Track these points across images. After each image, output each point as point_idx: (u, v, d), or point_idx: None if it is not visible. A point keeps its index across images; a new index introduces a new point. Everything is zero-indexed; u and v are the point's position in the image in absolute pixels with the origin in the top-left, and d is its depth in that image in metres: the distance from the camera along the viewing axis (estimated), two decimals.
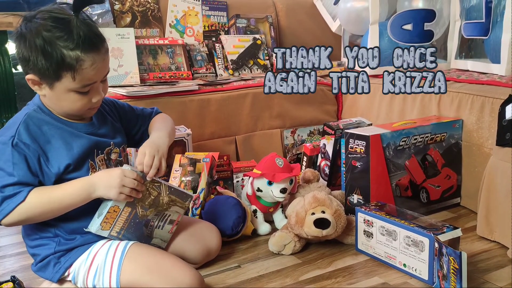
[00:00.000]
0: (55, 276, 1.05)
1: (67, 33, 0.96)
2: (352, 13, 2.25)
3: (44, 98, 1.04)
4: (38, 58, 0.96)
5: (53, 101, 1.03)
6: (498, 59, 1.68)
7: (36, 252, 1.07)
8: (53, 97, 1.02)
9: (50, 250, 1.05)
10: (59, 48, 0.96)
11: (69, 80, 0.98)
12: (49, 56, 0.96)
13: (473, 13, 1.80)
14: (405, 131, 1.51)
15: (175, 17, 2.30)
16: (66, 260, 1.05)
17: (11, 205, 0.95)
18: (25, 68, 1.00)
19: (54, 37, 0.96)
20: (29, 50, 0.96)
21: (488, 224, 1.36)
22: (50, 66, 0.96)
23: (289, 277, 1.22)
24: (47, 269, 1.06)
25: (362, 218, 1.31)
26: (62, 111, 1.05)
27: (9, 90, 2.33)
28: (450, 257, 1.04)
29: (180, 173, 1.54)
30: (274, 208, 1.52)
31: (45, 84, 1.00)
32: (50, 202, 0.99)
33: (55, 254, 1.05)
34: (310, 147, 1.84)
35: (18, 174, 0.97)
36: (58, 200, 1.00)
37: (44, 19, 0.97)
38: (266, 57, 2.40)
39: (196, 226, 1.28)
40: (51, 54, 0.95)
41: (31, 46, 0.96)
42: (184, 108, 1.83)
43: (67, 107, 1.04)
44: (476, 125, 1.54)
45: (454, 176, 1.63)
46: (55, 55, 0.96)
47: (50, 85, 1.00)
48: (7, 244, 1.50)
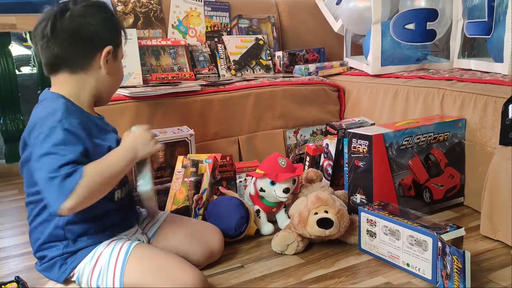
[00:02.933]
0: (61, 277, 1.06)
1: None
2: (354, 13, 2.25)
3: (98, 80, 1.09)
4: (105, 29, 1.09)
5: (114, 75, 1.13)
6: (501, 58, 1.68)
7: (43, 254, 1.07)
8: (115, 69, 1.12)
9: (58, 251, 1.05)
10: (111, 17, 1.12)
11: (122, 46, 1.14)
12: (110, 24, 1.11)
13: (475, 12, 1.80)
14: (408, 130, 1.50)
15: (177, 18, 2.30)
16: (72, 261, 1.06)
17: (73, 182, 0.92)
18: (96, 43, 1.07)
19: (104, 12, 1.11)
20: (99, 24, 1.07)
21: (492, 224, 1.36)
22: (115, 32, 1.12)
23: (292, 277, 1.22)
24: (53, 269, 1.06)
25: (365, 218, 1.31)
26: (113, 87, 1.16)
27: (13, 91, 2.34)
28: (453, 257, 1.03)
29: (183, 174, 1.54)
30: (277, 208, 1.52)
31: (112, 54, 1.09)
32: (106, 171, 0.99)
33: (62, 256, 1.06)
34: (313, 147, 1.84)
35: (71, 154, 0.95)
36: (113, 168, 1.00)
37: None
38: (269, 58, 2.40)
39: (199, 227, 1.29)
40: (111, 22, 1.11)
41: (96, 21, 1.06)
42: (186, 109, 1.84)
43: (121, 78, 1.18)
44: (479, 124, 1.54)
45: (458, 175, 1.62)
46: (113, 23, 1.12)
47: (115, 53, 1.11)
48: (11, 244, 1.50)
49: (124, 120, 1.71)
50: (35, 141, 0.97)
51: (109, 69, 1.10)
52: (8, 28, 2.22)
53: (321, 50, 2.49)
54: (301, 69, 2.26)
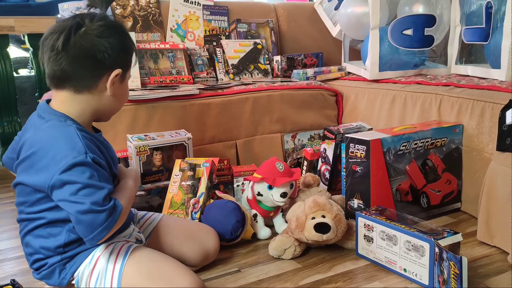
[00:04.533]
0: (62, 283, 1.05)
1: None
2: (353, 18, 2.25)
3: (101, 102, 1.08)
4: (118, 52, 1.06)
5: (119, 97, 1.11)
6: (499, 64, 1.68)
7: (41, 264, 1.06)
8: (120, 92, 1.11)
9: (57, 258, 1.05)
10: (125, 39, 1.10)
11: (130, 67, 1.12)
12: (124, 47, 1.09)
13: (473, 19, 1.81)
14: (405, 135, 1.51)
15: (176, 22, 2.31)
16: (71, 266, 1.05)
17: (115, 217, 0.97)
18: (107, 65, 1.05)
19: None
20: (114, 46, 1.05)
21: (489, 229, 1.36)
22: (127, 55, 1.10)
23: (289, 281, 1.22)
24: (53, 276, 1.06)
25: (362, 223, 1.30)
26: (116, 109, 1.14)
27: (10, 93, 2.34)
28: (450, 262, 1.03)
29: (180, 177, 1.54)
30: (275, 213, 1.52)
31: (119, 77, 1.08)
32: (130, 204, 1.07)
33: (61, 262, 1.05)
34: (311, 151, 1.84)
35: (107, 185, 0.98)
36: (132, 200, 1.08)
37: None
38: (267, 62, 2.41)
39: (194, 228, 1.29)
40: (125, 45, 1.09)
41: (110, 43, 1.04)
42: (184, 112, 1.84)
43: (125, 100, 1.17)
44: (477, 130, 1.54)
45: (455, 181, 1.63)
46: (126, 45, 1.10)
47: (123, 76, 1.09)
48: (6, 247, 1.50)
49: (122, 123, 1.71)
50: (54, 171, 0.95)
51: (115, 92, 1.08)
52: (6, 31, 2.21)
53: (319, 55, 2.49)
54: (299, 74, 2.27)
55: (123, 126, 1.72)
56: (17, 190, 1.06)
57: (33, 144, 1.01)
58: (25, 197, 1.04)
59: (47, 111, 1.05)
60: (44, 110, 1.06)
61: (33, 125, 1.06)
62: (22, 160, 1.02)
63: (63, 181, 0.95)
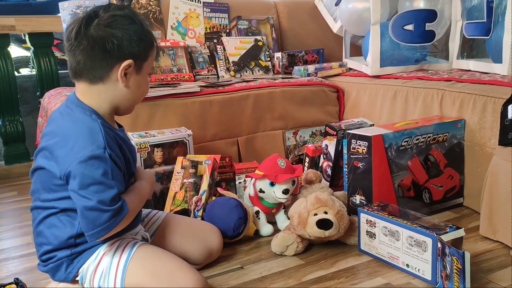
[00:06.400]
0: (67, 277, 1.06)
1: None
2: (353, 14, 2.25)
3: (116, 93, 1.06)
4: (129, 42, 1.03)
5: (134, 89, 1.08)
6: (500, 59, 1.68)
7: (51, 256, 1.06)
8: (135, 84, 1.07)
9: (67, 252, 1.05)
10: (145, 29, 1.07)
11: (151, 60, 1.09)
12: (137, 37, 1.04)
13: (474, 13, 1.80)
14: (407, 131, 1.50)
15: (176, 19, 2.31)
16: (79, 261, 1.06)
17: (119, 219, 0.98)
18: (116, 55, 1.03)
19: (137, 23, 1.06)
20: (124, 36, 1.03)
21: (491, 224, 1.36)
22: (140, 46, 1.05)
23: (292, 278, 1.22)
24: (59, 270, 1.06)
25: (364, 219, 1.30)
26: (133, 100, 1.11)
27: (12, 93, 2.34)
28: (453, 257, 1.03)
29: (182, 175, 1.54)
30: (277, 209, 1.52)
31: (133, 68, 1.05)
32: (140, 205, 1.09)
33: (70, 256, 1.06)
34: (312, 148, 1.84)
35: (118, 185, 0.99)
36: (142, 202, 1.11)
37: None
38: (268, 59, 2.40)
39: (198, 226, 1.30)
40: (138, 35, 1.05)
41: (121, 33, 1.02)
42: (186, 110, 1.84)
43: (143, 93, 1.13)
44: (479, 125, 1.54)
45: (457, 176, 1.62)
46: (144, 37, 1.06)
47: (139, 67, 1.06)
48: (10, 246, 1.50)
49: (124, 121, 1.70)
50: (71, 160, 0.97)
51: (128, 83, 1.06)
52: (7, 30, 2.22)
53: (320, 51, 2.49)
54: (300, 70, 2.26)
55: (125, 123, 1.69)
56: (34, 177, 1.07)
57: (57, 132, 1.03)
58: (43, 183, 1.05)
59: (75, 102, 1.07)
60: (72, 102, 1.07)
61: (59, 114, 1.07)
62: (44, 148, 1.04)
63: (77, 171, 0.96)
